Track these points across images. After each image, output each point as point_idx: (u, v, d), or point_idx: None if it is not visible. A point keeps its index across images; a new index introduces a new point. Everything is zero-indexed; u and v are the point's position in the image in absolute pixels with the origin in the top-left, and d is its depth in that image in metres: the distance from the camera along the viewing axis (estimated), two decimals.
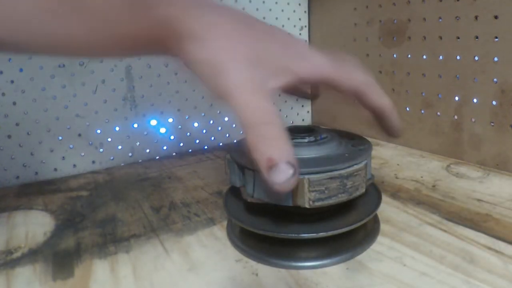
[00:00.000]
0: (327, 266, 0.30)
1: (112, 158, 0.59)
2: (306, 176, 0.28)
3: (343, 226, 0.31)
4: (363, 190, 0.31)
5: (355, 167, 0.30)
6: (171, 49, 0.29)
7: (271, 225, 0.32)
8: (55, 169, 0.55)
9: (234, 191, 0.36)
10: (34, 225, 0.40)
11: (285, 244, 0.32)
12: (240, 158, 0.32)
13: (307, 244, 0.32)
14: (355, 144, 0.34)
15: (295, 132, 0.34)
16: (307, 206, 0.29)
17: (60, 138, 0.55)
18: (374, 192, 0.36)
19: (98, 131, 0.57)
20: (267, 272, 0.30)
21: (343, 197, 0.30)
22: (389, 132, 0.34)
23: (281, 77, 0.28)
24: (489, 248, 0.32)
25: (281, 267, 0.30)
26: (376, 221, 0.36)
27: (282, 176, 0.25)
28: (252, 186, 0.30)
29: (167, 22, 0.27)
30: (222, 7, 0.30)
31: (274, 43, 0.29)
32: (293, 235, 0.30)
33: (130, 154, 0.60)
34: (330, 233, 0.30)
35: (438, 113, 0.54)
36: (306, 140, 0.33)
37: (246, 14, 0.30)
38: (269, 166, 0.25)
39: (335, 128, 0.40)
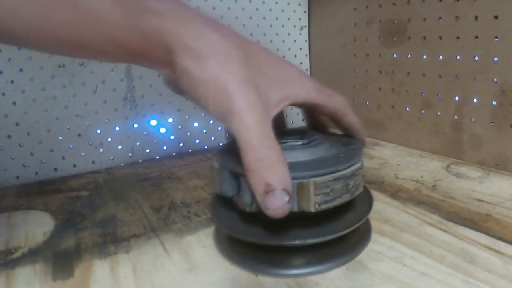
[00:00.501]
0: (329, 270, 0.30)
1: (112, 158, 0.59)
2: (312, 180, 0.27)
3: (344, 227, 0.30)
4: (362, 189, 0.31)
5: (355, 166, 0.30)
6: (162, 63, 0.28)
7: (268, 233, 0.30)
8: (55, 169, 0.55)
9: (221, 200, 0.34)
10: (34, 225, 0.40)
11: (280, 251, 0.31)
12: (233, 165, 0.29)
13: (306, 250, 0.31)
14: (345, 143, 0.34)
15: (286, 134, 0.33)
16: (312, 210, 0.28)
17: (60, 138, 0.55)
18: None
19: (98, 131, 0.57)
20: None
21: (346, 198, 0.29)
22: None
23: (280, 104, 0.30)
24: (489, 248, 0.31)
25: (281, 277, 0.29)
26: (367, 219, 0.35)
27: (276, 202, 0.25)
28: (250, 195, 0.28)
29: (159, 35, 0.27)
30: (217, 24, 0.29)
31: (273, 70, 0.31)
32: (298, 241, 0.29)
33: (130, 154, 0.60)
34: (337, 235, 0.29)
35: (438, 113, 0.54)
36: (300, 143, 0.32)
37: (240, 35, 0.31)
38: (265, 191, 0.25)
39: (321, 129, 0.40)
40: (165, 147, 0.63)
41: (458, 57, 0.50)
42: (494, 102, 0.47)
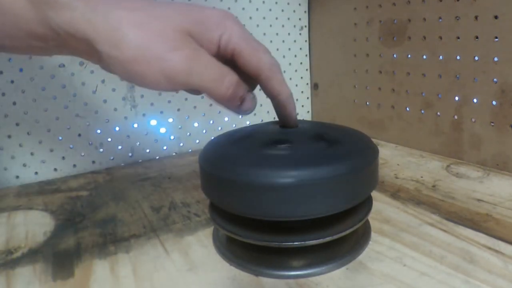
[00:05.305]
0: (330, 271, 0.30)
1: (112, 158, 0.59)
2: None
3: (344, 228, 0.30)
4: None
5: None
6: (89, 54, 0.28)
7: (268, 234, 0.30)
8: (55, 169, 0.55)
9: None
10: (34, 225, 0.40)
11: (280, 252, 0.31)
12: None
13: (306, 250, 0.31)
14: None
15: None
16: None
17: (60, 138, 0.55)
18: None
19: (98, 131, 0.57)
20: None
21: None
22: (285, 121, 0.34)
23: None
24: (489, 248, 0.32)
25: (282, 277, 0.29)
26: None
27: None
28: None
29: (72, 27, 0.26)
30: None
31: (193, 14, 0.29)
32: (297, 243, 0.29)
33: (130, 154, 0.60)
34: (336, 236, 0.29)
35: (438, 113, 0.54)
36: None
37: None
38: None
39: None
40: (165, 147, 0.63)
41: (458, 57, 0.50)
42: (494, 102, 0.47)
